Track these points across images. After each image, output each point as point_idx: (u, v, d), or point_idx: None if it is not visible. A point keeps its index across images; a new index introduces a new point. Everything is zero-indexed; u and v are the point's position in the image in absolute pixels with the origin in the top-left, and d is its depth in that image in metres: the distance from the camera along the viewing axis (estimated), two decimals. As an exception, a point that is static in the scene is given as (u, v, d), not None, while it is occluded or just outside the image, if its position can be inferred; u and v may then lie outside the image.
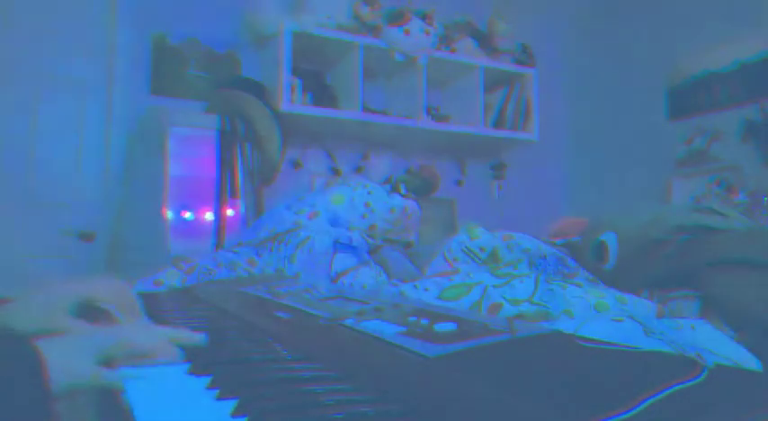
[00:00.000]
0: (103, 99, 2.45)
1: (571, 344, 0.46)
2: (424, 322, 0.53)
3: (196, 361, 0.50)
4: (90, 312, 0.63)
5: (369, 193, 1.50)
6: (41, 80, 2.35)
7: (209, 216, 2.28)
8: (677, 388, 0.33)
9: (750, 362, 0.63)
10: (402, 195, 1.62)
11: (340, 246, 1.28)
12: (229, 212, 2.30)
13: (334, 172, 2.94)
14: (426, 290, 0.88)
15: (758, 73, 2.68)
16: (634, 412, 0.30)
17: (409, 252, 1.48)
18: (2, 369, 0.41)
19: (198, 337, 0.55)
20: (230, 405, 0.38)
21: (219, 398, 0.41)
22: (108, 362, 0.48)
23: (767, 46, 2.66)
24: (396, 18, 2.72)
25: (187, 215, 2.26)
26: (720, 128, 2.81)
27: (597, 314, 0.77)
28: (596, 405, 0.31)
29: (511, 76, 3.12)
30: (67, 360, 0.45)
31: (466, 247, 1.14)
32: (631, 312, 0.76)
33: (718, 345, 0.65)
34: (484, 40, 3.10)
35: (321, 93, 2.72)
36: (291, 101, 2.53)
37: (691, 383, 0.34)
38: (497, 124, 3.07)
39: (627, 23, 3.31)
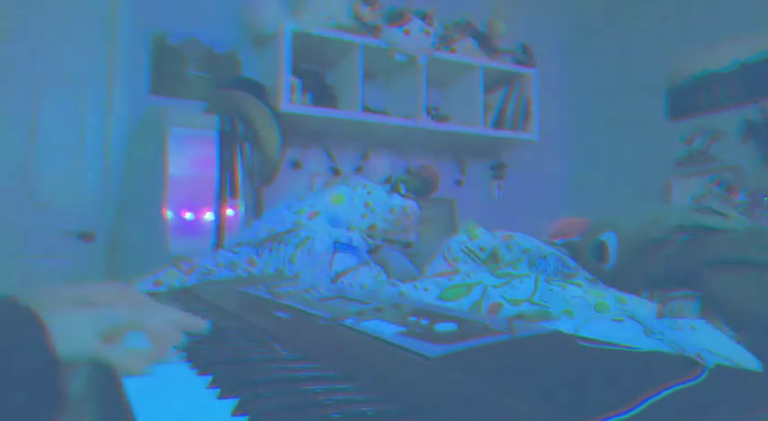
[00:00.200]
0: (103, 99, 2.45)
1: (571, 344, 0.46)
2: (424, 322, 0.53)
3: (196, 360, 0.50)
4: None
5: (369, 193, 1.50)
6: (41, 80, 2.35)
7: (209, 216, 2.28)
8: (677, 388, 0.33)
9: (750, 362, 0.63)
10: (402, 195, 1.62)
11: (340, 245, 1.28)
12: (229, 212, 2.30)
13: (334, 172, 2.94)
14: (426, 290, 0.88)
15: (758, 73, 2.68)
16: (634, 412, 0.30)
17: (409, 252, 1.48)
18: (6, 339, 0.41)
19: (203, 324, 0.55)
20: (231, 404, 0.38)
21: (220, 398, 0.41)
22: (113, 338, 0.48)
23: (767, 46, 2.66)
24: (396, 18, 2.72)
25: (187, 215, 2.26)
26: (720, 128, 2.82)
27: (597, 314, 0.77)
28: (596, 405, 0.31)
29: (511, 76, 3.12)
30: (72, 332, 0.45)
31: (466, 247, 1.14)
32: (631, 312, 0.76)
33: (718, 345, 0.65)
34: (484, 40, 3.10)
35: (321, 93, 2.72)
36: (291, 101, 2.53)
37: (691, 383, 0.34)
38: (497, 124, 3.07)
39: (627, 23, 3.32)
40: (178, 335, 0.52)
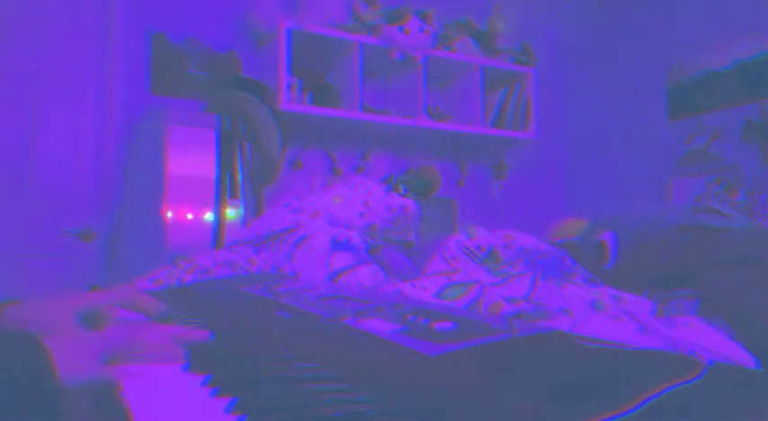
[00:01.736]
0: (103, 99, 2.45)
1: (571, 344, 0.46)
2: (423, 322, 0.53)
3: (196, 359, 0.50)
4: (99, 321, 0.63)
5: (368, 193, 1.50)
6: (41, 80, 2.34)
7: (209, 216, 2.28)
8: (677, 388, 0.33)
9: (750, 362, 0.63)
10: (402, 195, 1.62)
11: (339, 245, 1.28)
12: (229, 212, 2.30)
13: (334, 172, 2.94)
14: (426, 289, 0.88)
15: (758, 73, 2.68)
16: (634, 412, 0.30)
17: (409, 252, 1.48)
18: (11, 366, 0.41)
19: (204, 335, 0.55)
20: (230, 403, 0.38)
21: (219, 397, 0.41)
22: (115, 362, 0.48)
23: (766, 46, 2.66)
24: (395, 18, 2.72)
25: (187, 215, 2.26)
26: (720, 128, 2.82)
27: (596, 313, 0.77)
28: (596, 405, 0.31)
29: (511, 76, 3.12)
30: (75, 358, 0.45)
31: (465, 247, 1.14)
32: (631, 311, 0.76)
33: (717, 345, 0.65)
34: (484, 40, 3.10)
35: (321, 92, 2.72)
36: (291, 100, 2.53)
37: (691, 383, 0.34)
38: (497, 124, 3.07)
39: (627, 23, 3.31)
40: (179, 349, 0.52)
